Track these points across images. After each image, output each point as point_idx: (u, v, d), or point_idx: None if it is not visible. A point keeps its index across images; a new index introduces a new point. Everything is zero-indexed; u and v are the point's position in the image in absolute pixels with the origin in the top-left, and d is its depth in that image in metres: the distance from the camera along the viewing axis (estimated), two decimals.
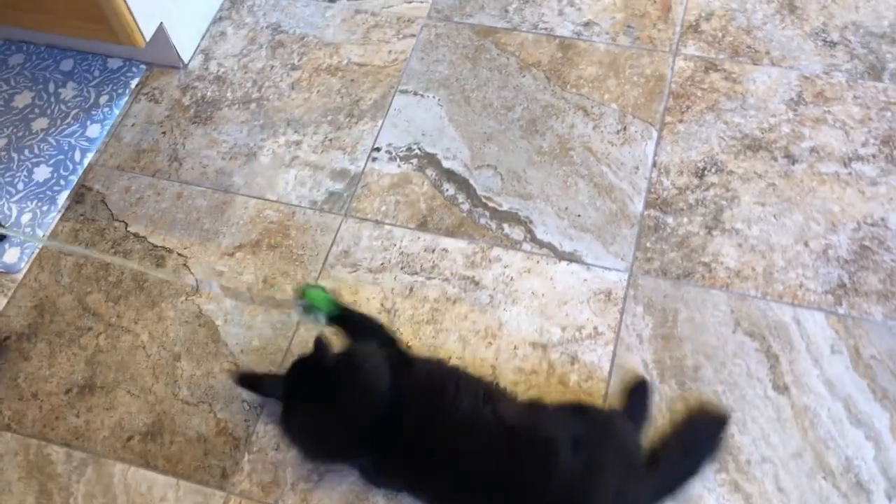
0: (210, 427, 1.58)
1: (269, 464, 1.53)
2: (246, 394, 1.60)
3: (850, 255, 1.66)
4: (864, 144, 1.79)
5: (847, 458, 1.45)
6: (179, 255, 1.80)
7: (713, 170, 1.79)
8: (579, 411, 1.42)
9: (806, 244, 1.68)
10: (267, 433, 1.56)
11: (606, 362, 1.58)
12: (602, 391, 1.55)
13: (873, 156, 1.77)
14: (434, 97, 1.98)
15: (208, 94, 2.06)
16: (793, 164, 1.78)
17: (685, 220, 1.73)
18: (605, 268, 1.69)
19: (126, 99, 2.07)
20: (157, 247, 1.81)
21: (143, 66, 2.12)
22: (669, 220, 1.74)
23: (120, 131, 2.02)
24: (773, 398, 1.52)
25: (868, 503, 1.40)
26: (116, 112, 2.05)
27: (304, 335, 1.66)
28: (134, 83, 2.10)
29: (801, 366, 1.54)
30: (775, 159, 1.79)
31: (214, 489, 1.51)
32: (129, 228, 1.85)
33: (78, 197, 1.92)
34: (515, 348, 1.61)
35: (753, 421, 1.50)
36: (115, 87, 2.08)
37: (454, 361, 1.60)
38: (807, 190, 1.74)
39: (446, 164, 1.87)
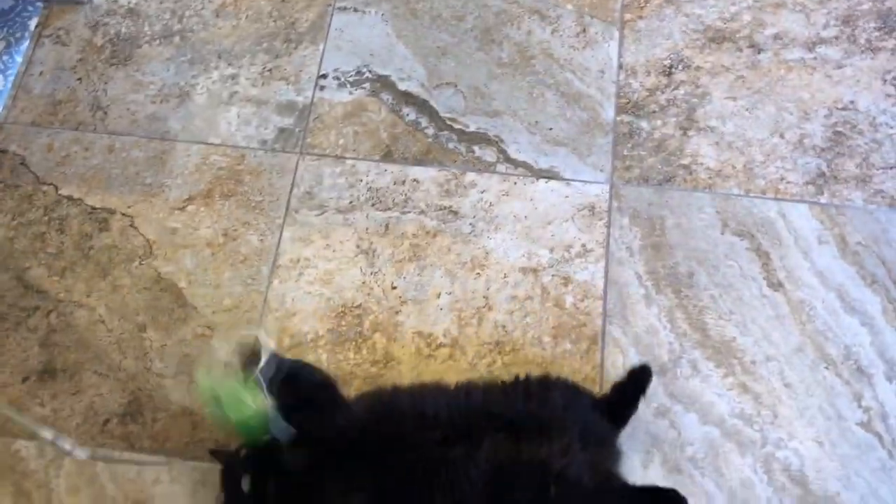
0: (193, 398, 1.46)
1: None
2: (226, 355, 1.49)
3: (825, 143, 1.64)
4: (825, 27, 1.75)
5: (846, 346, 1.47)
6: (124, 215, 1.63)
7: (680, 67, 1.73)
8: (546, 392, 1.28)
9: (782, 136, 1.65)
10: None
11: (600, 279, 1.54)
12: (599, 309, 1.51)
13: (836, 38, 1.74)
14: (377, 12, 1.82)
15: (122, 30, 1.83)
16: (758, 53, 1.73)
17: (659, 122, 1.67)
18: (585, 181, 1.63)
19: (27, 44, 1.83)
20: (96, 209, 1.64)
21: (39, 4, 1.87)
22: (643, 124, 1.67)
23: (27, 82, 1.79)
24: (768, 296, 1.51)
25: (871, 388, 1.43)
26: (18, 60, 1.81)
27: (279, 288, 1.55)
28: (33, 24, 1.85)
29: (792, 260, 1.54)
30: (740, 50, 1.74)
31: (210, 463, 1.41)
32: (60, 191, 1.66)
33: None
34: (505, 276, 1.54)
35: (753, 321, 1.49)
36: (10, 31, 1.84)
37: (444, 298, 1.52)
38: (775, 79, 1.70)
39: (402, 85, 1.74)
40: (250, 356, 1.22)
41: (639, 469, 1.39)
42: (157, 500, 1.39)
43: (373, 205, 1.62)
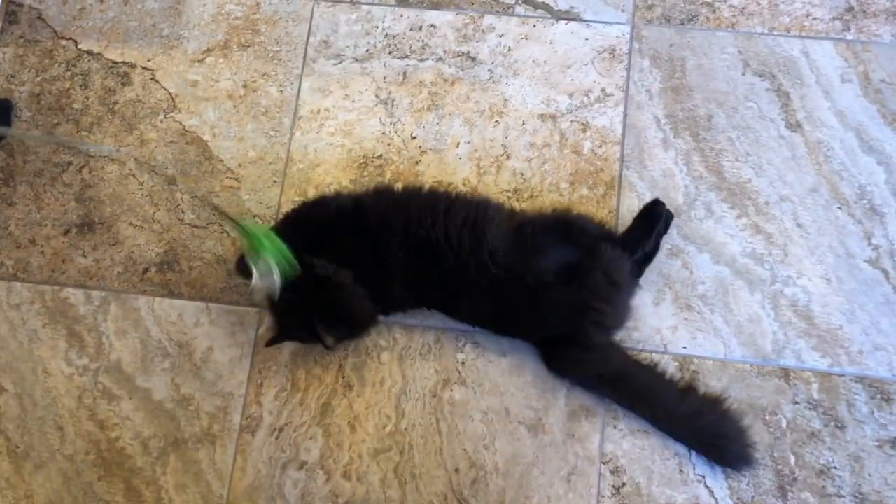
0: (226, 247, 1.54)
1: None
2: (256, 208, 1.55)
3: None
4: None
5: (860, 185, 1.48)
6: (144, 69, 1.64)
7: None
8: (568, 228, 1.38)
9: None
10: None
11: (619, 124, 1.55)
12: (617, 154, 1.53)
13: None
14: None
15: None
16: None
17: None
18: (606, 22, 1.60)
19: None
20: (116, 63, 1.65)
21: None
22: None
23: None
24: (786, 137, 1.51)
25: (882, 226, 1.46)
26: None
27: (301, 139, 1.58)
28: None
29: (813, 100, 1.53)
30: None
31: (246, 307, 1.50)
32: (79, 46, 1.67)
33: (10, 16, 1.70)
34: (524, 123, 1.56)
35: (769, 163, 1.50)
36: None
37: (463, 147, 1.55)
38: None
39: None
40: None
41: (650, 306, 1.45)
42: (199, 340, 1.50)
43: (390, 53, 1.61)
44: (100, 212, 1.57)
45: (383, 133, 1.57)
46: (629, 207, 1.50)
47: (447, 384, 1.44)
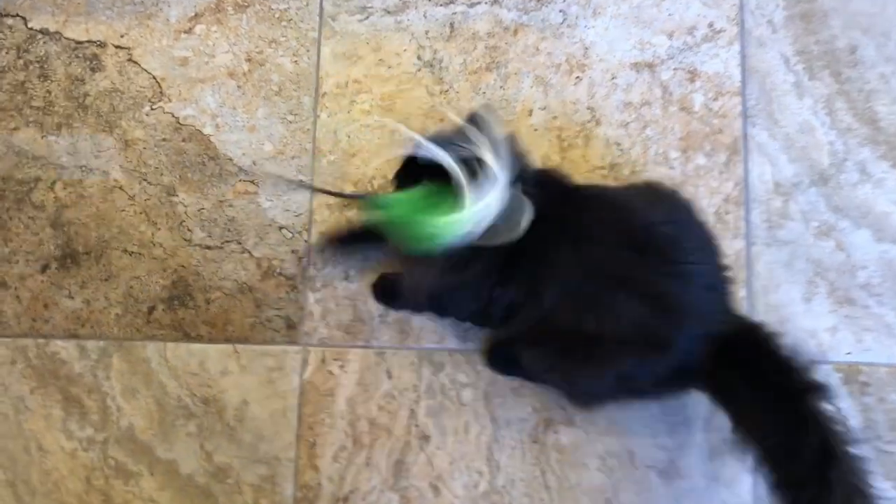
0: (251, 271, 1.21)
1: (342, 299, 1.19)
2: (281, 217, 1.21)
3: None
4: None
5: None
6: (118, 47, 1.28)
7: None
8: (652, 195, 1.00)
9: None
10: (327, 262, 1.20)
11: (736, 68, 1.20)
12: (738, 108, 1.19)
13: None
14: None
15: None
16: None
17: None
18: None
19: None
20: (80, 43, 1.29)
21: None
22: None
23: None
24: None
25: None
26: None
27: (328, 123, 1.23)
28: None
29: None
30: None
31: (285, 345, 1.19)
32: (29, 24, 1.30)
33: None
34: (613, 78, 1.21)
35: None
36: None
37: (538, 115, 1.20)
38: None
39: None
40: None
41: (799, 303, 1.14)
42: (229, 393, 1.18)
43: None
44: (84, 238, 1.24)
45: (432, 106, 1.22)
46: (761, 176, 1.17)
47: (550, 425, 1.13)
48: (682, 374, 0.91)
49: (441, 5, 1.25)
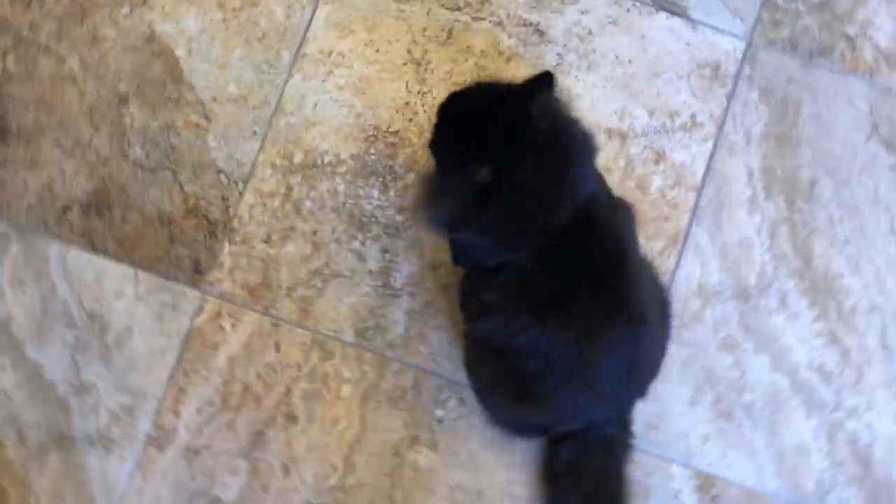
0: (176, 204, 1.19)
1: (256, 259, 1.18)
2: (223, 161, 1.20)
3: None
4: None
5: None
6: None
7: None
8: None
9: None
10: (253, 218, 1.19)
11: (701, 165, 1.22)
12: (690, 203, 1.21)
13: None
14: None
15: None
16: None
17: None
18: (718, 29, 1.24)
19: None
20: None
21: None
22: None
23: None
24: None
25: None
26: None
27: (300, 85, 1.21)
28: None
29: None
30: None
31: (185, 286, 1.17)
32: None
33: None
34: None
35: (869, 261, 1.20)
36: None
37: None
38: None
39: None
40: None
41: (683, 403, 1.17)
42: (117, 315, 1.17)
43: None
44: (20, 118, 1.20)
45: (406, 103, 1.21)
46: (688, 275, 1.19)
47: (415, 444, 1.15)
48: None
49: (447, 8, 1.23)
